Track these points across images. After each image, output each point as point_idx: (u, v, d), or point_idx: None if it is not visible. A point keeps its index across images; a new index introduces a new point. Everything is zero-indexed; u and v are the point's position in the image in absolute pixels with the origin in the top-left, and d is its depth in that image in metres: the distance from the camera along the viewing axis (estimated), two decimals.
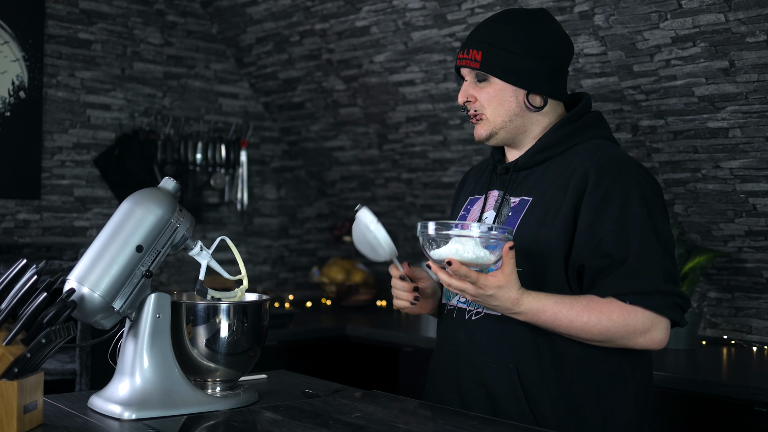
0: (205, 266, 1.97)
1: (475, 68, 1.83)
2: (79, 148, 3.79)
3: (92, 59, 3.80)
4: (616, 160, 1.77)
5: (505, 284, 1.65)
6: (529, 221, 1.78)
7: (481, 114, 1.86)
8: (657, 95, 2.84)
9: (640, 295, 1.68)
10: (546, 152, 1.84)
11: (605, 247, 1.70)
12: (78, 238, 3.78)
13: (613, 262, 1.70)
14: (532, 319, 1.70)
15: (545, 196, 1.79)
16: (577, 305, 1.69)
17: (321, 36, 3.75)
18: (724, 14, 2.49)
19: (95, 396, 1.84)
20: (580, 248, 1.73)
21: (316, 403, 1.87)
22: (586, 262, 1.73)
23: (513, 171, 1.88)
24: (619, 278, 1.69)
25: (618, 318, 1.68)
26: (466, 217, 1.96)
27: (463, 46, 1.87)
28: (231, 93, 4.33)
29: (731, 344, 3.18)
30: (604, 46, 2.84)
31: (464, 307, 1.88)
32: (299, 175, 4.66)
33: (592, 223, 1.72)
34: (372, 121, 3.99)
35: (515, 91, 1.83)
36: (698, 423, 2.52)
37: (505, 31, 1.83)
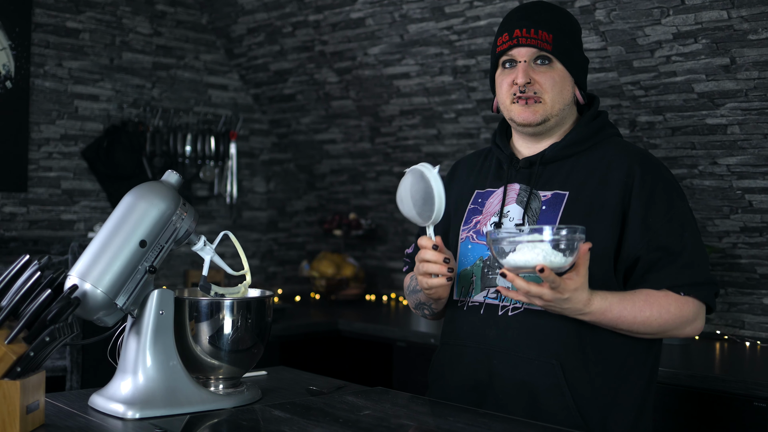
0: (209, 261, 1.94)
1: (545, 50, 1.79)
2: (66, 139, 3.73)
3: (80, 48, 3.74)
4: (651, 158, 1.82)
5: (581, 287, 1.63)
6: (573, 215, 1.76)
7: (540, 97, 1.81)
8: (656, 91, 2.83)
9: (693, 287, 1.73)
10: (575, 147, 1.83)
11: (660, 241, 1.73)
12: (65, 231, 3.72)
13: (667, 255, 1.73)
14: (598, 318, 1.69)
15: (585, 190, 1.78)
16: (638, 301, 1.71)
17: (314, 27, 3.70)
18: (726, 11, 2.48)
19: (96, 394, 1.80)
20: (635, 241, 1.74)
21: (322, 401, 1.84)
22: (642, 255, 1.74)
23: (540, 164, 1.84)
24: (676, 270, 1.72)
25: (675, 310, 1.72)
26: (479, 211, 1.91)
27: (526, 26, 1.80)
28: (221, 84, 4.28)
29: (724, 339, 3.18)
30: (604, 42, 2.82)
31: (495, 303, 1.82)
32: (288, 168, 4.62)
33: (645, 216, 1.74)
34: (365, 114, 3.96)
35: (572, 81, 1.84)
36: (698, 418, 2.52)
37: (566, 20, 1.84)
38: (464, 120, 3.56)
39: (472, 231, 1.90)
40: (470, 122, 3.55)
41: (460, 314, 1.89)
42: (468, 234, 1.90)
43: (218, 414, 1.76)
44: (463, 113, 3.53)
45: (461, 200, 1.97)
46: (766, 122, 2.67)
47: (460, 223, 1.94)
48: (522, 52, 1.81)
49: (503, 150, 1.91)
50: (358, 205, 4.51)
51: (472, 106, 3.47)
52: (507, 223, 1.82)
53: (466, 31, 3.16)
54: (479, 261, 1.85)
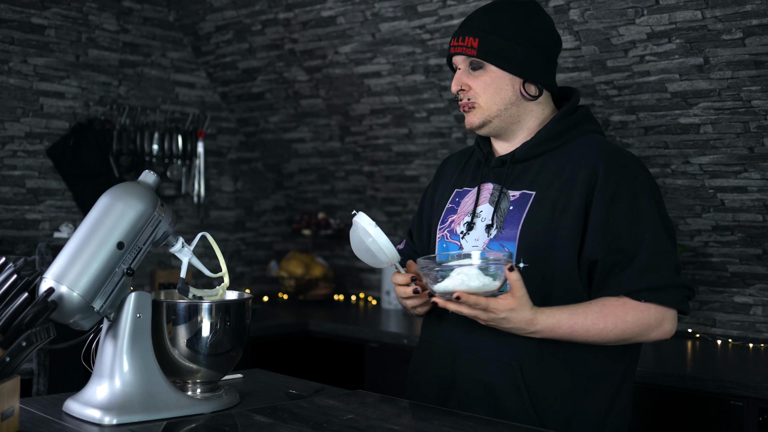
0: (187, 263, 1.90)
1: (471, 55, 1.80)
2: (31, 137, 3.65)
3: (46, 45, 3.66)
4: (621, 155, 1.78)
5: (516, 306, 1.64)
6: (537, 216, 1.76)
7: (474, 102, 1.83)
8: (629, 91, 2.84)
9: (654, 291, 1.69)
10: (545, 145, 1.82)
11: (619, 242, 1.70)
12: (30, 231, 3.64)
13: (626, 258, 1.70)
14: (548, 335, 1.69)
15: (551, 190, 1.76)
16: (591, 313, 1.69)
17: (284, 25, 3.67)
18: (701, 11, 2.50)
19: (71, 400, 1.76)
20: (594, 243, 1.71)
21: (302, 405, 1.82)
22: (600, 257, 1.71)
23: (510, 163, 1.84)
24: (634, 274, 1.69)
25: (633, 318, 1.69)
26: (455, 210, 1.91)
27: (457, 34, 1.83)
28: (188, 82, 4.22)
29: (696, 338, 3.21)
30: (578, 41, 2.83)
31: None
32: (256, 167, 4.57)
33: (606, 217, 1.71)
34: (334, 113, 3.93)
35: (512, 79, 1.81)
36: (674, 417, 2.53)
37: (502, 18, 1.81)
38: (436, 119, 3.54)
39: (446, 230, 1.91)
40: (442, 121, 3.53)
41: (433, 312, 1.91)
42: (443, 233, 1.92)
43: (197, 419, 1.73)
44: (435, 112, 3.52)
45: (442, 199, 1.98)
46: (738, 122, 2.69)
47: (437, 223, 1.95)
48: (457, 60, 1.85)
49: (482, 148, 1.92)
50: (326, 205, 4.48)
51: (443, 105, 3.46)
52: (479, 223, 1.83)
53: (439, 30, 3.15)
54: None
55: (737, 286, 3.13)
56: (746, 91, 2.59)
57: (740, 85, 2.59)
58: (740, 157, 2.78)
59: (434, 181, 2.07)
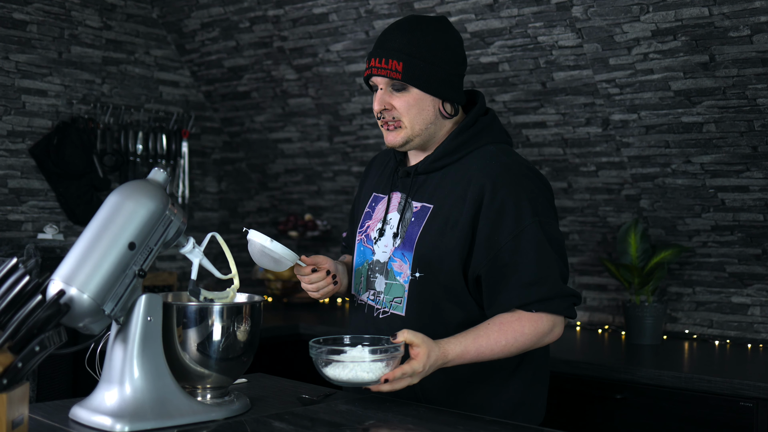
0: (197, 264, 1.84)
1: (395, 78, 1.85)
2: (13, 136, 3.54)
3: (27, 41, 3.55)
4: (509, 171, 1.85)
5: (428, 353, 1.70)
6: (431, 230, 1.87)
7: (399, 121, 1.88)
8: (632, 89, 2.82)
9: (543, 302, 1.80)
10: (444, 160, 1.91)
11: (504, 258, 1.81)
12: (12, 232, 3.53)
13: (513, 273, 1.80)
14: (459, 362, 1.77)
15: (444, 206, 1.87)
16: (492, 333, 1.79)
17: (274, 23, 3.60)
18: (708, 8, 2.48)
19: (78, 406, 1.69)
20: (480, 259, 1.82)
21: (318, 410, 1.76)
22: (484, 273, 1.82)
23: (414, 175, 1.93)
24: (523, 288, 1.80)
25: (529, 330, 1.81)
26: (371, 215, 2.00)
27: (378, 56, 1.87)
28: (171, 81, 4.13)
29: (693, 338, 3.19)
30: (580, 39, 2.79)
31: (372, 305, 1.96)
32: (240, 168, 4.49)
33: (490, 235, 1.81)
34: (324, 113, 3.86)
35: (433, 100, 1.88)
36: (683, 419, 2.50)
37: (423, 41, 1.86)
38: None
39: (363, 234, 2.02)
40: None
41: (352, 309, 2.06)
42: (361, 237, 2.03)
43: (208, 426, 1.66)
44: None
45: (363, 201, 2.08)
46: (743, 120, 2.67)
47: (356, 226, 2.07)
48: (378, 80, 1.89)
49: (395, 156, 2.02)
50: (312, 206, 4.41)
51: None
52: (388, 231, 1.93)
53: None
54: (366, 264, 1.99)
55: (735, 286, 3.11)
56: (752, 89, 2.58)
57: (746, 83, 2.58)
58: (743, 156, 2.76)
59: (363, 178, 2.16)
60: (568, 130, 3.11)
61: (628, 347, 3.01)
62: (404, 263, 1.90)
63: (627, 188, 3.14)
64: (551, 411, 2.70)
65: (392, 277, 1.92)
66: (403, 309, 1.90)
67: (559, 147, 3.19)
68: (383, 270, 1.94)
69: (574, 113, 3.04)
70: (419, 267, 1.87)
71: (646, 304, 3.06)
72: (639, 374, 2.55)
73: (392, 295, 1.93)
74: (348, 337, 1.81)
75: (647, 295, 3.09)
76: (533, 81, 3.04)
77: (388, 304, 1.92)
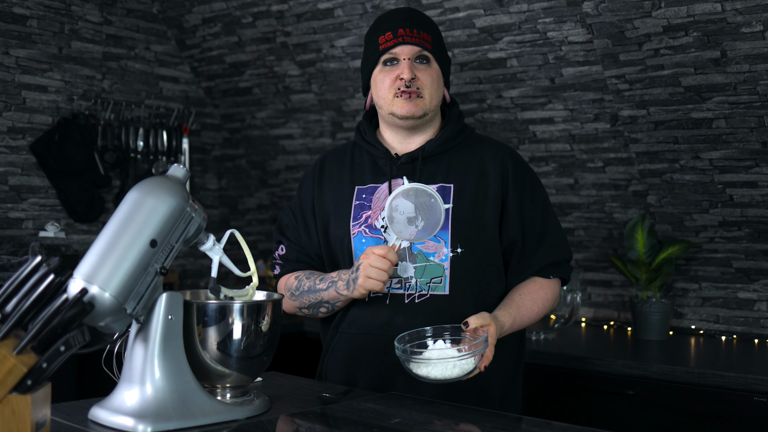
0: (217, 262, 1.82)
1: (427, 49, 1.93)
2: (13, 132, 3.50)
3: (28, 36, 3.51)
4: (515, 151, 2.06)
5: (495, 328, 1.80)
6: (462, 205, 1.93)
7: (421, 92, 1.93)
8: (641, 85, 2.81)
9: (557, 267, 1.99)
10: (450, 142, 1.99)
11: (532, 224, 1.97)
12: (13, 230, 3.49)
13: (543, 236, 1.97)
14: (511, 332, 1.90)
15: (467, 182, 1.95)
16: (527, 303, 1.93)
17: (277, 18, 3.57)
18: (720, 3, 2.47)
19: (97, 407, 1.66)
20: (514, 227, 1.95)
21: (340, 408, 1.74)
22: (519, 238, 1.96)
23: (421, 158, 1.96)
24: (547, 251, 1.97)
25: (551, 296, 1.98)
26: (369, 206, 1.97)
27: (407, 26, 1.92)
28: (172, 77, 4.10)
29: (699, 334, 3.19)
30: (590, 34, 2.78)
31: (401, 293, 1.93)
32: (240, 164, 4.46)
33: (521, 204, 1.96)
34: (327, 109, 3.84)
35: (442, 81, 1.99)
36: (696, 415, 2.49)
37: (436, 27, 2.00)
38: None
39: (363, 226, 1.98)
40: None
41: (361, 304, 1.97)
42: (360, 229, 1.98)
43: (230, 425, 1.64)
44: None
45: (341, 197, 2.02)
46: (753, 116, 2.67)
47: (347, 220, 2.00)
48: (405, 50, 1.92)
49: (377, 146, 2.00)
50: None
51: None
52: (398, 217, 1.88)
53: (444, 23, 3.08)
54: None
55: (741, 281, 3.11)
56: (763, 84, 2.57)
57: (757, 79, 2.57)
58: (753, 152, 2.76)
59: (316, 179, 2.08)
60: (575, 126, 3.10)
61: (636, 343, 3.01)
62: (437, 243, 1.92)
63: (634, 184, 3.14)
64: (564, 408, 2.70)
65: (423, 258, 1.93)
66: (446, 287, 1.92)
67: (566, 143, 3.18)
68: (405, 255, 1.93)
69: (582, 109, 3.03)
70: (460, 242, 1.91)
71: (653, 300, 3.05)
72: (651, 370, 2.54)
73: (428, 276, 1.91)
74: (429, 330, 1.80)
75: (654, 290, 3.09)
76: (541, 77, 3.02)
77: (424, 287, 1.92)
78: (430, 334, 1.79)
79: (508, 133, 3.29)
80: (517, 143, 3.30)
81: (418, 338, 1.79)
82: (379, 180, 2.00)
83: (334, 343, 2.07)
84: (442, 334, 1.78)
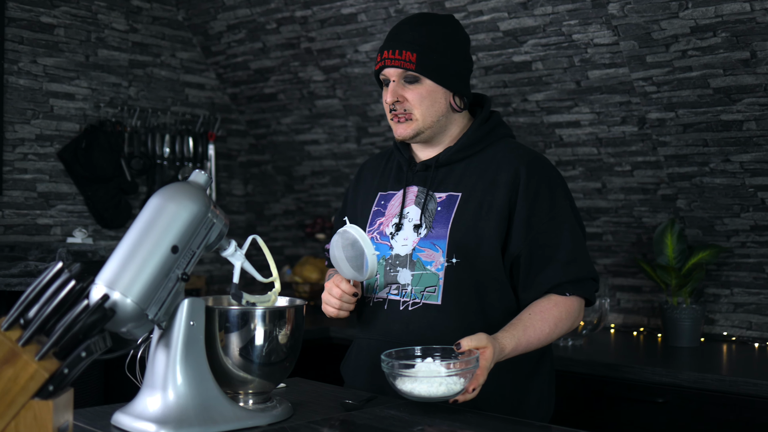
0: (239, 268, 1.81)
1: (410, 69, 1.88)
2: (41, 140, 3.53)
3: (55, 45, 3.54)
4: (539, 159, 1.94)
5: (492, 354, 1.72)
6: (464, 215, 1.89)
7: (410, 113, 1.91)
8: (669, 87, 2.77)
9: (575, 284, 1.87)
10: (467, 150, 1.95)
11: (542, 239, 1.87)
12: (42, 236, 3.52)
13: (551, 252, 1.86)
14: (513, 354, 1.80)
15: (475, 192, 1.91)
16: (536, 322, 1.83)
17: (301, 24, 3.57)
18: (749, 3, 2.43)
19: (120, 413, 1.66)
20: (518, 241, 1.87)
21: (363, 415, 1.72)
22: (523, 253, 1.87)
23: (434, 168, 1.95)
24: (560, 268, 1.86)
25: (566, 315, 1.87)
26: (382, 213, 2.00)
27: (391, 47, 1.90)
28: (197, 83, 4.11)
29: (732, 341, 3.13)
30: (616, 36, 2.75)
31: (397, 299, 1.94)
32: (266, 170, 4.47)
33: (528, 216, 1.87)
34: (352, 114, 3.83)
35: (445, 92, 1.92)
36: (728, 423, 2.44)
37: (435, 34, 1.90)
38: None
39: (375, 232, 2.01)
40: None
41: (367, 310, 2.01)
42: (372, 235, 2.01)
43: None
44: None
45: (366, 202, 2.08)
46: None
47: (364, 226, 2.04)
48: (391, 72, 1.92)
49: (403, 153, 2.03)
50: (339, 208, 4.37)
51: None
52: (406, 224, 1.94)
53: (468, 26, 3.06)
54: (382, 260, 1.98)
55: None
56: None
57: None
58: None
59: (354, 184, 2.16)
60: (602, 129, 3.06)
61: (666, 350, 2.96)
62: (435, 251, 1.90)
63: (663, 188, 3.09)
64: (592, 416, 2.66)
65: (420, 267, 1.92)
66: (439, 297, 1.90)
67: (593, 146, 3.14)
68: (406, 262, 1.94)
69: (609, 112, 3.00)
70: (455, 252, 1.88)
71: (683, 306, 3.01)
72: (681, 377, 2.50)
73: (423, 285, 1.92)
74: (418, 349, 1.77)
75: (685, 296, 3.04)
76: (567, 80, 2.99)
77: (418, 295, 1.91)
78: (419, 354, 1.76)
79: (534, 137, 3.26)
80: (543, 147, 3.27)
81: (406, 356, 1.76)
82: (397, 187, 2.02)
83: (350, 347, 2.12)
84: (432, 353, 1.75)
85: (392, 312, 1.94)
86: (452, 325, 1.87)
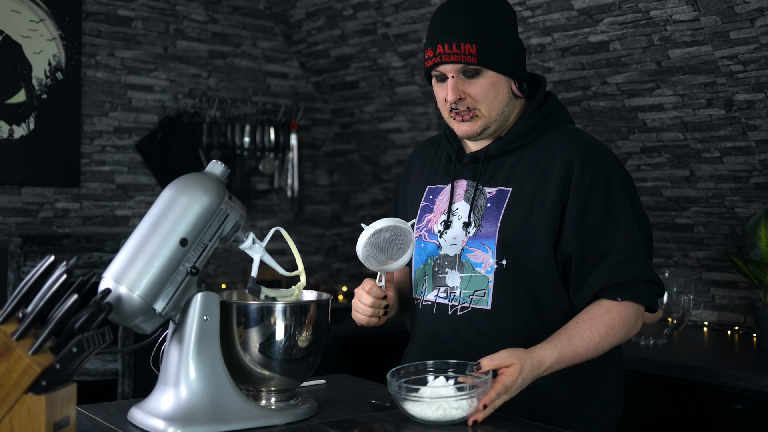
0: (258, 261, 1.74)
1: (471, 63, 1.72)
2: (120, 132, 3.59)
3: (133, 38, 3.59)
4: (594, 147, 1.77)
5: (519, 365, 1.58)
6: (514, 213, 1.75)
7: (475, 110, 1.77)
8: (756, 66, 2.54)
9: (627, 288, 1.70)
10: (519, 141, 1.80)
11: (594, 237, 1.71)
12: (120, 227, 3.58)
13: (604, 252, 1.70)
14: (559, 367, 1.66)
15: (526, 186, 1.76)
16: (584, 331, 1.68)
17: (376, 9, 3.48)
18: None
19: (135, 408, 1.63)
20: (570, 238, 1.72)
21: (388, 417, 1.63)
22: (575, 253, 1.72)
23: (484, 160, 1.82)
24: (611, 268, 1.70)
25: (619, 322, 1.70)
26: (431, 208, 1.88)
27: (446, 40, 1.73)
28: (280, 72, 4.09)
29: None
30: (696, 11, 2.54)
31: (446, 303, 1.82)
32: (352, 160, 4.42)
33: (581, 212, 1.72)
34: (432, 100, 3.72)
35: (507, 80, 1.78)
36: None
37: (492, 18, 1.75)
38: None
39: (424, 230, 1.89)
40: None
41: (416, 312, 1.90)
42: (420, 233, 1.90)
43: None
44: None
45: (415, 197, 1.96)
46: None
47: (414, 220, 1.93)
48: (448, 68, 1.75)
49: (452, 143, 1.89)
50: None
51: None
52: (456, 222, 1.81)
53: (541, 5, 2.90)
54: (430, 260, 1.86)
55: None
56: None
57: None
58: None
59: (405, 173, 2.04)
60: (687, 112, 2.85)
61: (760, 351, 2.73)
62: (484, 252, 1.77)
63: (756, 176, 2.85)
64: (664, 421, 2.48)
65: (470, 269, 1.79)
66: (488, 302, 1.76)
67: (678, 131, 2.93)
68: (455, 263, 1.80)
69: (693, 94, 2.78)
70: (505, 253, 1.74)
71: None
72: (763, 383, 2.29)
73: (472, 288, 1.78)
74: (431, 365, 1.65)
75: None
76: (647, 60, 2.79)
77: (467, 299, 1.78)
78: (432, 369, 1.64)
79: (617, 122, 3.07)
80: (627, 132, 3.07)
81: (416, 373, 1.64)
82: (446, 180, 1.88)
83: (406, 348, 2.00)
84: (446, 370, 1.63)
85: (441, 317, 1.83)
86: (503, 331, 1.75)
